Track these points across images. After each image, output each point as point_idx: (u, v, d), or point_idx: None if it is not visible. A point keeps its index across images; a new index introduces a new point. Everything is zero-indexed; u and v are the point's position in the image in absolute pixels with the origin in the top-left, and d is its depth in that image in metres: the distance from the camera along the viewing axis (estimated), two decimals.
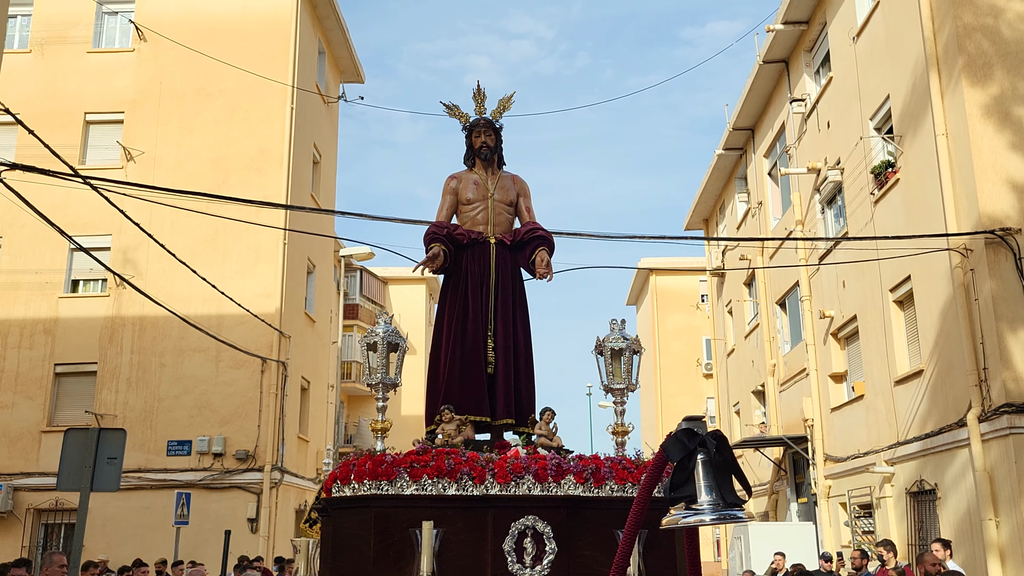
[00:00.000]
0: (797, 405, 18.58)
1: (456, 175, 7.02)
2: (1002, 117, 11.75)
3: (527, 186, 7.14)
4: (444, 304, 6.66)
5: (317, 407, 22.14)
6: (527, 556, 5.05)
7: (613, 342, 6.04)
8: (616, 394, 6.04)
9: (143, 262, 18.22)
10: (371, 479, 5.10)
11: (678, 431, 1.82)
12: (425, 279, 36.45)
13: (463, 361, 6.33)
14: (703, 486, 1.75)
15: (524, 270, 6.84)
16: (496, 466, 5.18)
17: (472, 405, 6.19)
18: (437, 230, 6.64)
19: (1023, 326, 11.11)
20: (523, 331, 6.69)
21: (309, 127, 21.11)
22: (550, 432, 5.99)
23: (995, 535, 10.97)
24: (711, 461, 1.76)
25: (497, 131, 7.02)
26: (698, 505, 1.77)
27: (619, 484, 5.34)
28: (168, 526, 15.74)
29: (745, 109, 21.37)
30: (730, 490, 1.77)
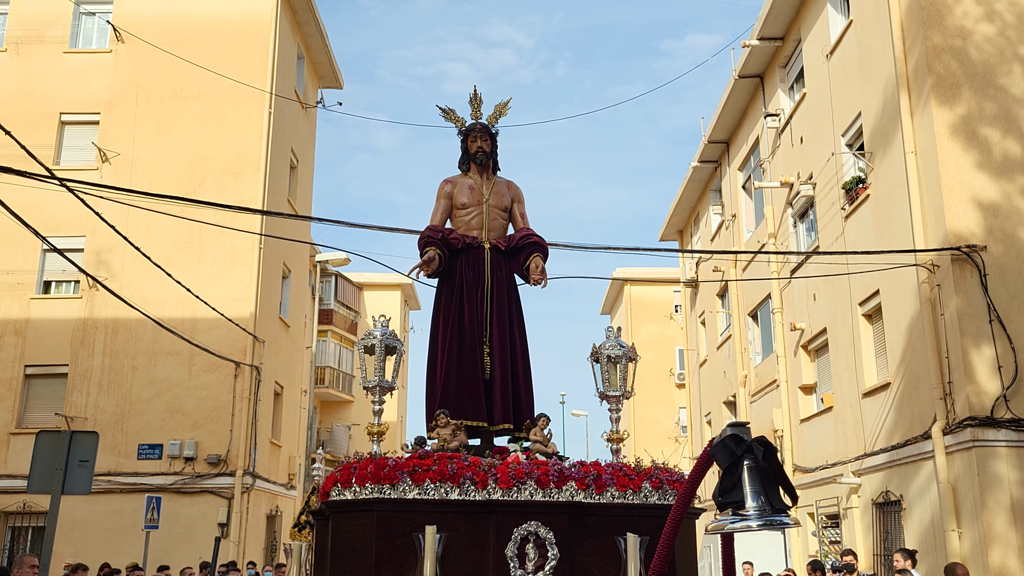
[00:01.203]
0: (767, 416, 18.80)
1: (451, 179, 6.98)
2: (969, 137, 12.02)
3: (521, 192, 7.13)
4: (439, 309, 6.62)
5: (290, 412, 22.09)
6: (529, 562, 5.04)
7: (610, 349, 6.04)
8: (611, 401, 6.04)
9: (117, 264, 18.12)
10: (373, 483, 5.07)
11: (725, 437, 1.83)
12: (400, 285, 36.42)
13: (459, 366, 6.30)
14: (750, 492, 1.76)
15: (518, 276, 6.82)
16: (499, 471, 5.18)
17: (468, 410, 6.16)
18: (432, 234, 6.59)
19: (987, 342, 11.36)
20: (519, 336, 6.67)
21: (287, 131, 21.10)
22: (545, 438, 5.96)
23: (958, 545, 11.19)
24: (758, 467, 1.77)
25: (493, 136, 7.00)
26: (745, 511, 1.77)
27: (620, 491, 5.34)
28: (138, 530, 15.64)
29: (720, 122, 21.63)
30: (776, 496, 1.78)
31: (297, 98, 22.07)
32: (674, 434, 32.88)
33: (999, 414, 11.10)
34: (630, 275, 34.18)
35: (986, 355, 11.34)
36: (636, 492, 5.35)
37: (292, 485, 21.82)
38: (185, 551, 16.51)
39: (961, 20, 12.38)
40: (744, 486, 1.77)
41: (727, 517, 1.81)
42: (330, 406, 33.52)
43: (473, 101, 7.04)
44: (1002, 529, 10.79)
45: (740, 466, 1.78)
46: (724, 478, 1.78)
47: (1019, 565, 10.64)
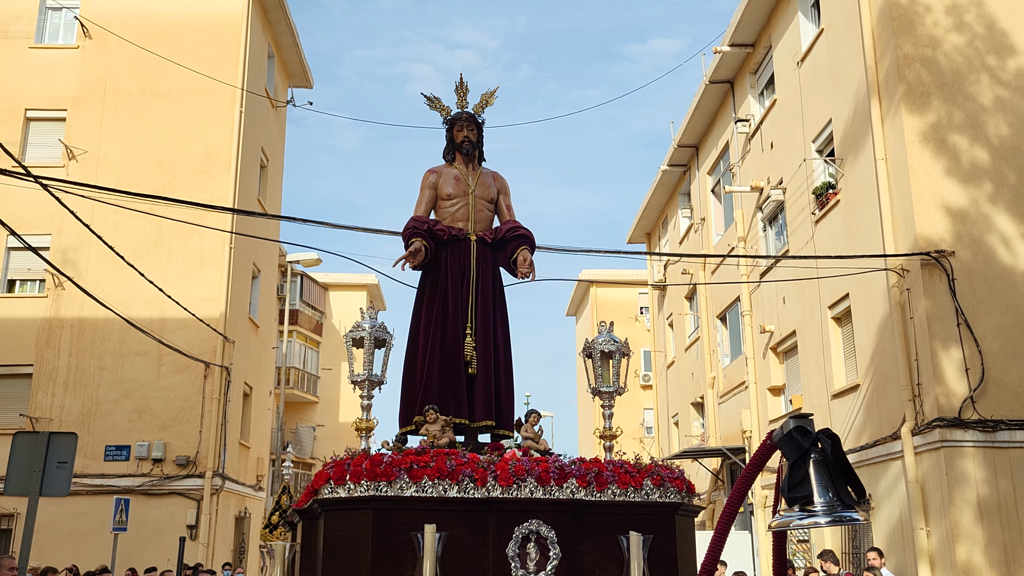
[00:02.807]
0: (736, 417, 19.04)
1: (435, 169, 6.78)
2: (938, 144, 12.31)
3: (507, 184, 6.96)
4: (421, 302, 6.42)
5: (259, 413, 21.90)
6: (531, 561, 4.90)
7: (603, 345, 5.90)
8: (604, 397, 5.92)
9: (83, 263, 17.84)
10: (369, 480, 4.88)
11: (792, 429, 1.74)
12: (366, 285, 36.26)
13: (442, 361, 6.12)
14: (818, 487, 1.68)
15: (504, 269, 6.65)
16: (498, 468, 5.03)
17: (450, 406, 5.97)
18: (417, 225, 6.39)
19: (955, 344, 11.64)
20: (503, 331, 6.50)
21: (257, 130, 20.93)
22: (536, 435, 5.83)
23: (925, 543, 11.45)
24: (826, 461, 1.69)
25: (479, 126, 6.81)
26: (813, 507, 1.69)
27: (622, 488, 5.21)
28: (104, 532, 15.42)
29: (690, 127, 21.86)
30: (845, 491, 1.70)
31: (267, 96, 21.90)
32: (639, 435, 33.11)
33: (966, 415, 11.38)
34: (596, 277, 34.39)
35: (954, 357, 11.62)
36: (637, 490, 5.24)
37: (260, 486, 21.63)
38: (153, 553, 16.30)
39: (931, 29, 12.68)
40: (811, 481, 1.70)
41: (794, 513, 1.74)
42: (295, 407, 33.26)
43: (459, 90, 6.85)
44: (968, 526, 11.07)
45: (807, 460, 1.72)
46: (792, 472, 1.73)
47: (984, 561, 10.92)
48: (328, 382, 35.04)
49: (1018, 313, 11.79)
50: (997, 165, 12.26)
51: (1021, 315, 11.79)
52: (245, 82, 19.50)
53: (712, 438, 20.87)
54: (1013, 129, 12.37)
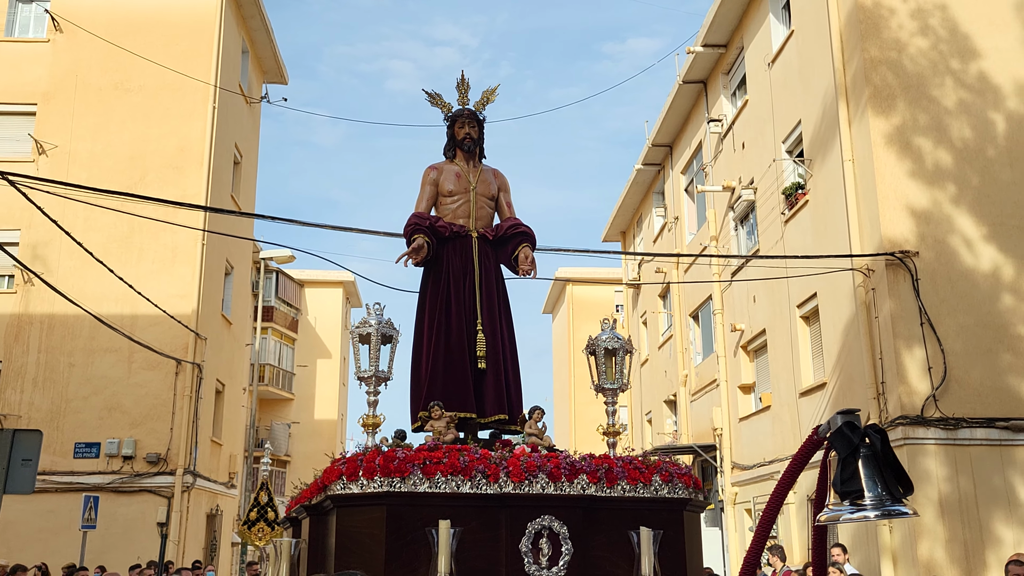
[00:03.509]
0: (707, 415, 19.21)
1: (436, 166, 6.75)
2: (903, 146, 12.48)
3: (507, 181, 6.95)
4: (425, 298, 6.40)
5: (231, 410, 21.83)
6: (543, 557, 4.90)
7: (607, 342, 5.89)
8: (608, 394, 5.91)
9: (53, 259, 17.71)
10: (383, 476, 4.88)
11: (842, 425, 1.77)
12: (342, 282, 36.19)
13: (447, 356, 6.11)
14: (867, 481, 1.70)
15: (504, 266, 6.64)
16: (510, 464, 5.03)
17: (457, 401, 5.97)
18: (419, 221, 6.37)
19: (918, 344, 11.82)
20: (508, 327, 6.51)
21: (231, 126, 20.84)
22: (540, 431, 5.81)
23: (888, 539, 11.62)
24: (875, 455, 1.72)
25: (480, 123, 6.79)
26: (863, 501, 1.70)
27: (631, 484, 5.22)
28: (73, 530, 15.34)
29: (664, 126, 22.00)
30: (894, 485, 1.73)
31: (241, 92, 21.80)
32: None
33: (929, 413, 11.56)
34: (572, 275, 34.50)
35: (917, 356, 11.80)
36: (647, 485, 5.26)
37: (233, 484, 21.57)
38: (123, 551, 16.24)
39: (897, 33, 12.85)
40: (861, 475, 1.73)
41: (844, 507, 1.76)
42: (269, 404, 33.18)
43: (460, 86, 6.83)
44: (930, 523, 11.25)
45: (857, 455, 1.74)
46: (843, 468, 1.75)
47: (946, 556, 11.11)
48: (303, 379, 34.96)
49: (979, 313, 11.99)
50: (960, 167, 12.45)
51: (982, 315, 11.99)
52: (218, 78, 19.41)
53: (684, 436, 21.03)
54: (975, 132, 12.57)
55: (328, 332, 36.42)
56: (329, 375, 36.31)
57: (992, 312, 12.01)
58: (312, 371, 35.53)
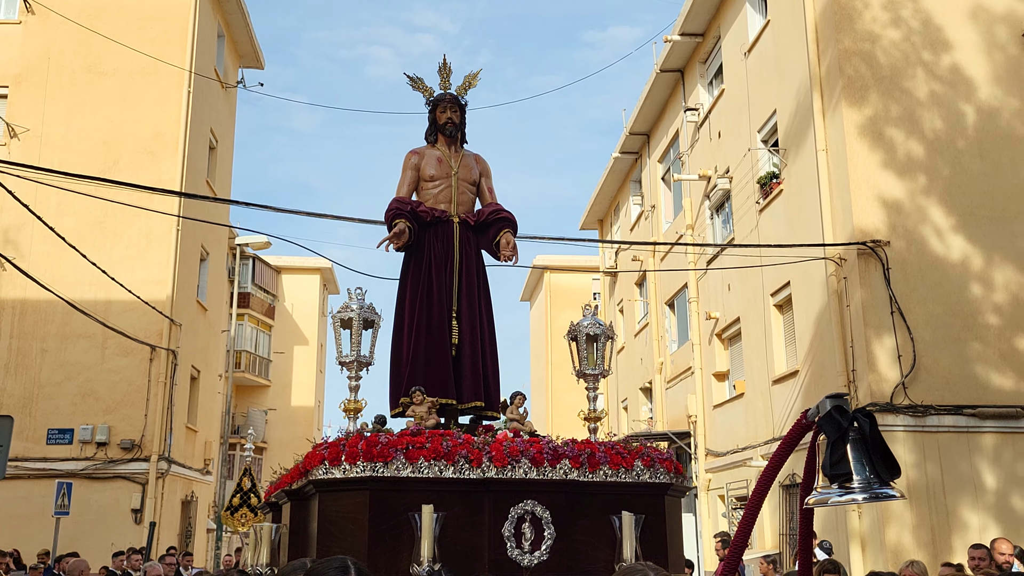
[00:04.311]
0: (682, 402, 19.37)
1: (417, 150, 6.70)
2: (875, 137, 12.61)
3: (489, 166, 6.92)
4: (406, 284, 6.39)
5: (207, 397, 21.75)
6: (526, 541, 4.92)
7: (589, 328, 5.88)
8: (589, 380, 5.91)
9: (26, 244, 17.53)
10: (365, 460, 4.87)
11: (831, 409, 1.78)
12: (319, 269, 36.06)
13: (428, 342, 6.10)
14: (856, 464, 1.71)
15: (486, 252, 6.63)
16: (493, 449, 5.03)
17: (437, 387, 5.96)
18: (401, 206, 6.34)
19: (888, 332, 11.98)
20: (487, 313, 6.50)
21: (206, 111, 20.68)
22: (521, 416, 5.82)
23: (857, 524, 11.81)
24: (864, 439, 1.73)
25: (462, 108, 6.75)
26: (851, 484, 1.71)
27: (613, 469, 5.25)
28: (46, 516, 15.24)
29: (642, 115, 22.06)
30: (883, 468, 1.74)
31: (217, 77, 21.63)
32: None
33: (898, 400, 11.74)
34: (550, 263, 34.57)
35: (887, 345, 11.97)
36: (628, 470, 5.29)
37: (208, 470, 21.51)
38: (97, 537, 16.17)
39: (870, 25, 12.96)
40: (850, 458, 1.74)
41: (832, 490, 1.76)
42: (246, 391, 33.08)
43: (442, 71, 6.78)
44: (898, 509, 11.43)
45: (846, 439, 1.75)
46: (832, 451, 1.77)
47: (913, 541, 11.31)
48: (280, 366, 34.87)
49: (948, 302, 12.17)
50: (931, 158, 12.60)
51: (951, 304, 12.17)
52: (193, 62, 19.24)
53: (659, 423, 21.19)
54: (946, 123, 12.72)
55: (305, 319, 36.32)
56: (306, 362, 36.22)
57: (961, 301, 12.19)
58: (289, 358, 35.43)
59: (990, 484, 11.70)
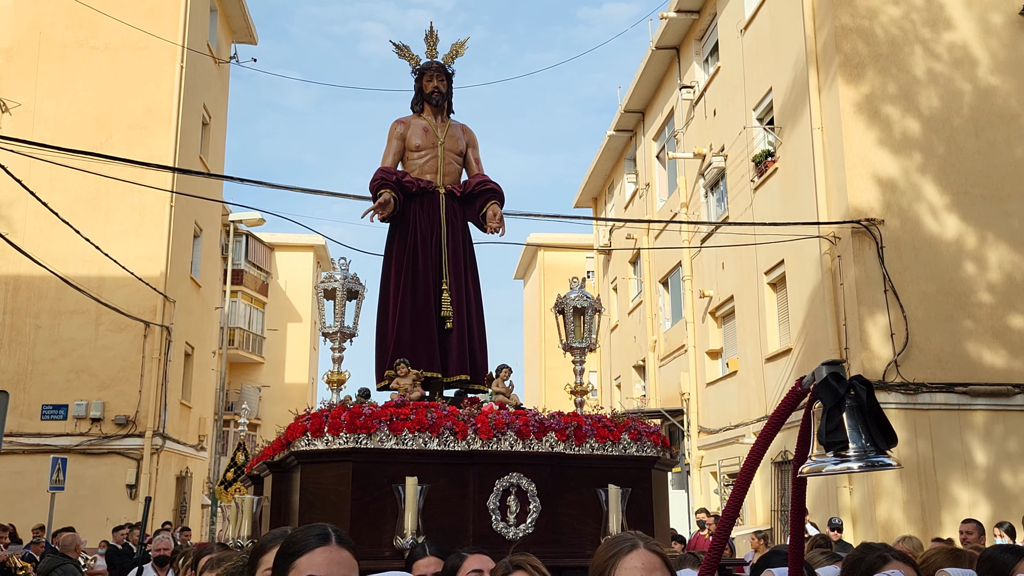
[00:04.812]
0: (675, 380, 19.45)
1: (403, 120, 6.57)
2: (872, 115, 12.61)
3: (475, 136, 6.79)
4: (391, 255, 6.27)
5: (201, 373, 21.76)
6: (511, 514, 4.87)
7: (576, 300, 5.81)
8: (576, 353, 5.82)
9: (18, 220, 17.45)
10: (349, 432, 4.80)
11: (828, 376, 1.69)
12: (312, 246, 35.98)
13: (413, 315, 6.01)
14: (852, 432, 1.64)
15: (472, 224, 6.52)
16: (478, 421, 4.97)
17: (423, 360, 5.87)
18: (386, 176, 6.21)
19: (881, 310, 12.04)
20: (474, 286, 6.41)
21: (199, 87, 20.54)
22: (507, 390, 5.76)
23: (848, 500, 11.92)
24: (860, 407, 1.65)
25: (449, 76, 6.61)
26: (847, 453, 1.64)
27: (600, 442, 5.20)
28: (41, 492, 15.29)
29: (637, 93, 21.99)
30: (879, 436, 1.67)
31: (210, 52, 21.46)
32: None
33: (890, 378, 11.82)
34: (544, 241, 34.56)
35: (880, 323, 12.03)
36: (615, 444, 5.25)
37: (203, 446, 21.56)
38: (92, 513, 16.23)
39: (869, 1, 12.91)
40: (846, 426, 1.67)
41: (827, 459, 1.68)
42: (239, 367, 33.08)
43: (429, 39, 6.66)
44: (889, 485, 11.54)
45: (843, 406, 1.68)
46: (828, 419, 1.69)
47: (903, 517, 11.42)
48: (274, 343, 34.86)
49: (941, 281, 12.22)
50: (927, 137, 12.61)
51: (944, 283, 12.22)
52: (186, 37, 19.08)
53: (652, 400, 21.29)
54: (943, 102, 12.71)
55: (298, 296, 36.28)
56: (299, 339, 36.22)
57: (954, 280, 12.25)
58: (282, 335, 35.42)
59: (980, 461, 11.81)
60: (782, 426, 2.20)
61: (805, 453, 2.28)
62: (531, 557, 2.59)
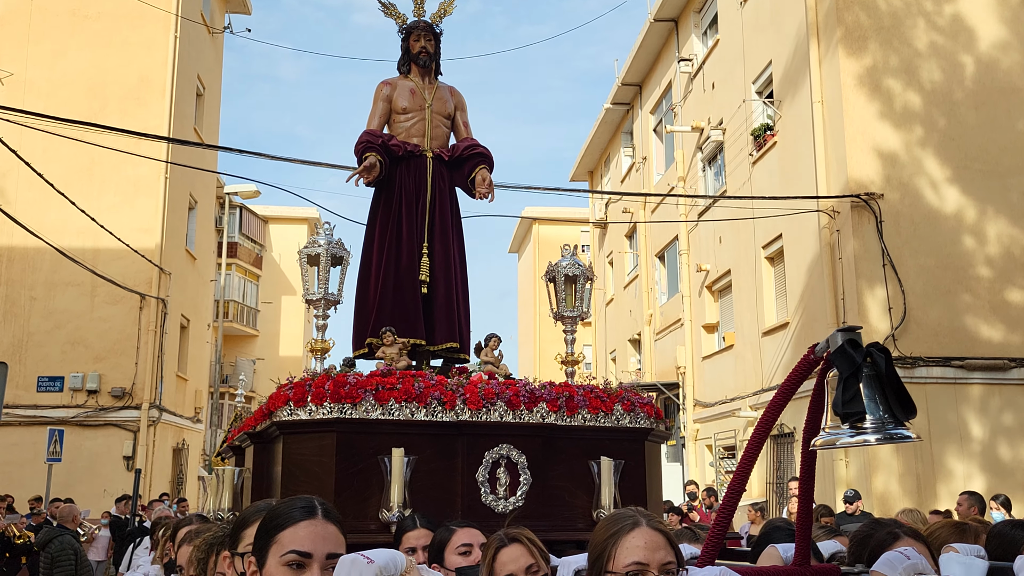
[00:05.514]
0: (671, 353, 19.49)
1: (389, 81, 6.34)
2: (873, 87, 12.54)
3: (464, 100, 6.56)
4: (375, 220, 6.09)
5: (196, 346, 21.72)
6: (501, 486, 4.75)
7: (567, 268, 5.65)
8: (567, 322, 5.69)
9: (11, 191, 17.31)
10: (332, 401, 4.64)
11: (844, 343, 1.64)
12: (307, 219, 35.83)
13: (396, 281, 5.85)
14: (869, 403, 1.58)
15: (460, 189, 6.33)
16: (467, 391, 4.82)
17: (406, 328, 5.69)
18: (371, 139, 6.01)
19: (880, 283, 12.05)
20: (459, 252, 6.22)
21: (193, 57, 20.33)
22: (496, 359, 5.60)
23: (844, 472, 11.99)
24: (879, 376, 1.59)
25: (437, 36, 6.37)
26: (863, 424, 1.58)
27: (592, 413, 5.06)
28: (38, 463, 15.31)
29: (634, 65, 21.85)
30: (897, 407, 1.61)
31: (203, 22, 21.23)
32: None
33: None
34: (539, 214, 34.47)
35: (878, 296, 12.05)
36: (608, 415, 5.09)
37: (199, 419, 21.58)
38: (88, 484, 16.26)
39: None
40: (863, 397, 1.62)
41: (843, 431, 1.64)
42: (234, 340, 33.03)
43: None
44: (885, 458, 11.61)
45: (860, 375, 1.63)
46: (845, 388, 1.65)
47: (899, 489, 11.51)
48: (268, 315, 34.80)
49: (940, 254, 12.23)
50: (928, 110, 12.57)
51: (943, 256, 12.23)
52: (180, 6, 18.86)
53: (648, 374, 21.35)
54: (945, 74, 12.66)
55: (293, 269, 36.12)
56: (294, 312, 36.16)
57: (953, 254, 12.26)
58: (276, 308, 35.37)
59: (976, 434, 11.88)
60: (794, 393, 2.14)
61: (816, 425, 2.20)
62: (526, 530, 2.53)
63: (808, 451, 2.03)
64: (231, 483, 5.47)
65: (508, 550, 2.46)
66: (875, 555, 2.27)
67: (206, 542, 2.68)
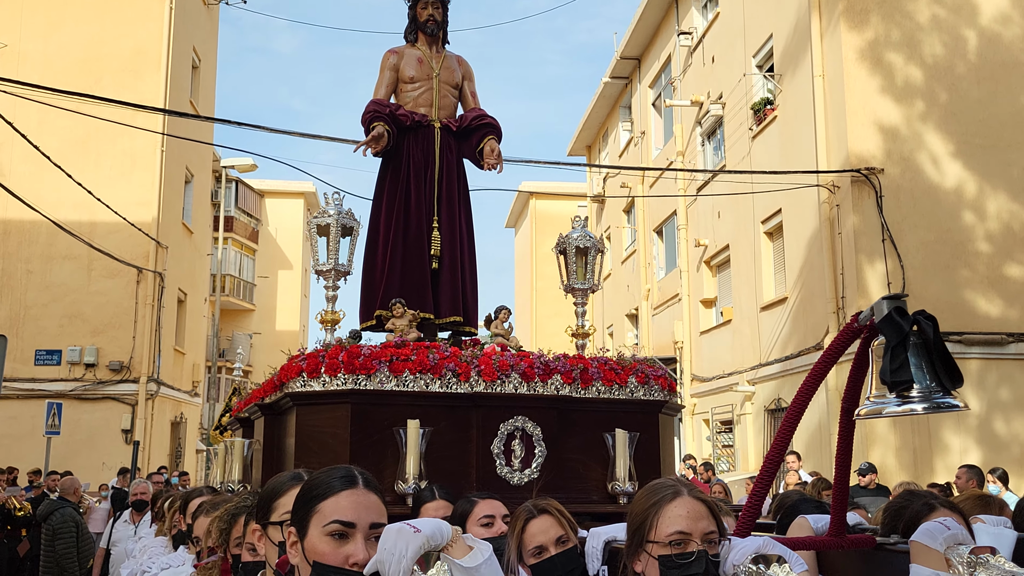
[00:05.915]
0: (669, 328, 19.52)
1: (395, 49, 6.24)
2: (875, 62, 12.48)
3: (472, 69, 6.46)
4: (383, 191, 6.01)
5: (193, 320, 21.71)
6: (516, 459, 4.74)
7: (579, 240, 5.61)
8: (578, 295, 5.66)
9: (7, 163, 17.21)
10: (347, 372, 4.62)
11: (890, 311, 1.60)
12: (303, 193, 35.71)
13: (405, 253, 5.79)
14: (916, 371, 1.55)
15: (468, 160, 6.23)
16: (481, 363, 4.80)
17: (414, 300, 5.64)
18: (379, 108, 5.91)
19: (879, 258, 12.06)
20: (467, 224, 6.13)
21: (188, 29, 20.16)
22: (506, 332, 5.57)
23: None
24: (926, 344, 1.55)
25: (445, 4, 6.26)
26: (910, 393, 1.55)
27: (607, 385, 5.05)
28: (36, 436, 15.32)
29: (633, 39, 21.71)
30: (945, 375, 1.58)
31: None
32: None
33: None
34: (536, 189, 34.36)
35: (878, 271, 12.05)
36: (622, 387, 5.08)
37: (196, 392, 21.61)
38: (87, 457, 16.30)
39: None
40: (911, 365, 1.59)
41: (888, 399, 1.62)
42: (230, 314, 33.00)
43: None
44: (883, 432, 11.68)
45: (907, 343, 1.59)
46: (892, 356, 1.62)
47: (896, 463, 11.58)
48: (264, 290, 34.76)
49: (940, 229, 12.23)
50: (929, 84, 12.51)
51: (943, 231, 12.23)
52: None
53: (645, 349, 21.38)
54: (947, 49, 12.59)
55: (289, 243, 36.09)
56: (290, 286, 36.13)
57: (953, 229, 12.26)
58: (273, 282, 35.32)
59: (973, 408, 11.94)
60: (834, 364, 2.13)
61: (856, 394, 2.19)
62: (554, 501, 2.54)
63: (847, 421, 2.00)
64: (241, 455, 5.43)
65: (537, 521, 2.46)
66: (911, 526, 2.27)
67: (228, 512, 2.67)
